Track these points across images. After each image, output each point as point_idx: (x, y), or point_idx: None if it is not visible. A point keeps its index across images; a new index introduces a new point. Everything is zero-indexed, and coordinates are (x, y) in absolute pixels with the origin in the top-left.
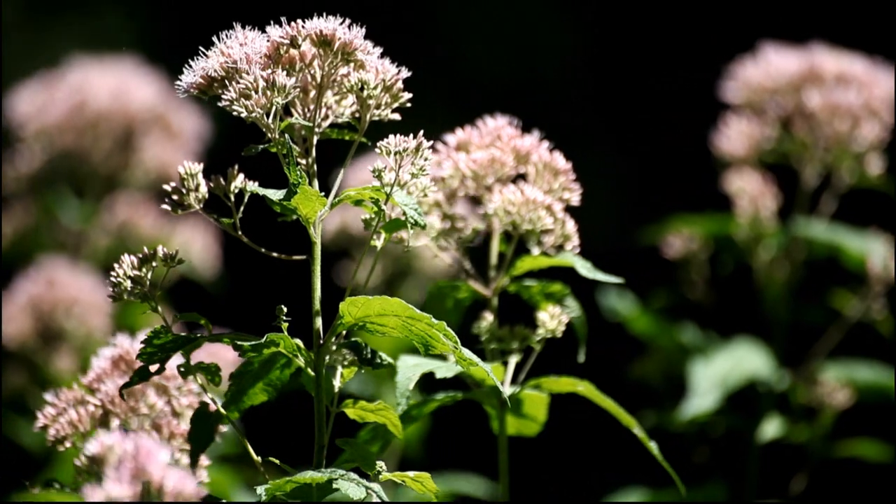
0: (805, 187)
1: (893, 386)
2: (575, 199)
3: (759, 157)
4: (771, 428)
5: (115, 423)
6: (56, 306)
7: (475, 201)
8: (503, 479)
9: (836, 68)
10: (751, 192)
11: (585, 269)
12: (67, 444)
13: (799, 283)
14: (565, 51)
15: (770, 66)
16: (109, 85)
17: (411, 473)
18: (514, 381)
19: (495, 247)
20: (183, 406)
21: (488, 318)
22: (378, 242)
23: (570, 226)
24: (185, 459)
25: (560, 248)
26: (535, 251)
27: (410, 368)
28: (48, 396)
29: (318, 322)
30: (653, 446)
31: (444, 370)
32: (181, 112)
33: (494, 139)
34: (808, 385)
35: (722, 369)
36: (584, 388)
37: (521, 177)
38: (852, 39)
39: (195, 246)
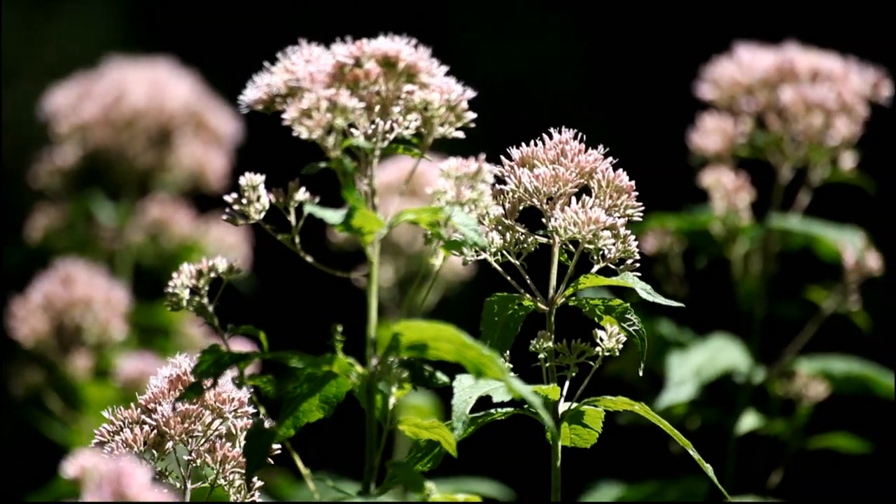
0: (780, 182)
1: (869, 377)
2: (637, 216)
3: (734, 153)
4: (748, 421)
5: (169, 444)
6: (71, 305)
7: (536, 214)
8: (556, 493)
9: (810, 65)
10: (726, 187)
11: (646, 291)
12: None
13: (774, 276)
14: (556, 54)
15: (744, 64)
16: (146, 82)
17: (461, 497)
18: (569, 397)
19: (555, 262)
20: (238, 429)
21: (546, 335)
22: (437, 262)
23: (632, 243)
24: (238, 481)
25: (620, 262)
26: (596, 267)
27: (467, 391)
28: (106, 414)
29: (373, 342)
30: (708, 467)
31: (501, 393)
32: (216, 111)
33: (558, 154)
34: (784, 378)
35: (698, 362)
36: (639, 407)
37: (585, 190)
38: (825, 41)
39: (227, 246)
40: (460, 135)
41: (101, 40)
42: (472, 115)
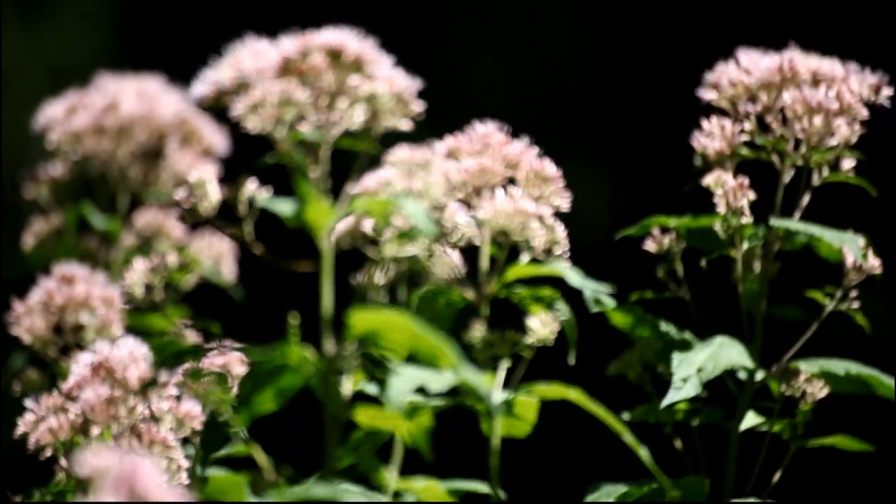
0: (781, 183)
1: (871, 377)
2: (564, 205)
3: (736, 155)
4: (749, 420)
5: (95, 430)
6: (69, 304)
7: (465, 206)
8: (494, 481)
9: (811, 68)
10: (728, 188)
11: (575, 278)
12: (48, 453)
13: (776, 276)
14: (555, 53)
15: (746, 67)
16: (137, 94)
17: (419, 484)
18: (505, 386)
19: (486, 253)
20: (162, 411)
21: (479, 325)
22: (388, 252)
23: (560, 232)
24: (169, 466)
25: (549, 252)
26: (526, 258)
27: (403, 382)
28: (28, 403)
29: (327, 331)
30: (643, 452)
31: (438, 383)
32: (206, 123)
33: (484, 146)
34: (785, 377)
35: (699, 361)
36: (574, 394)
37: (511, 180)
38: (826, 47)
39: (217, 254)
40: (407, 126)
41: (89, 59)
42: (419, 107)
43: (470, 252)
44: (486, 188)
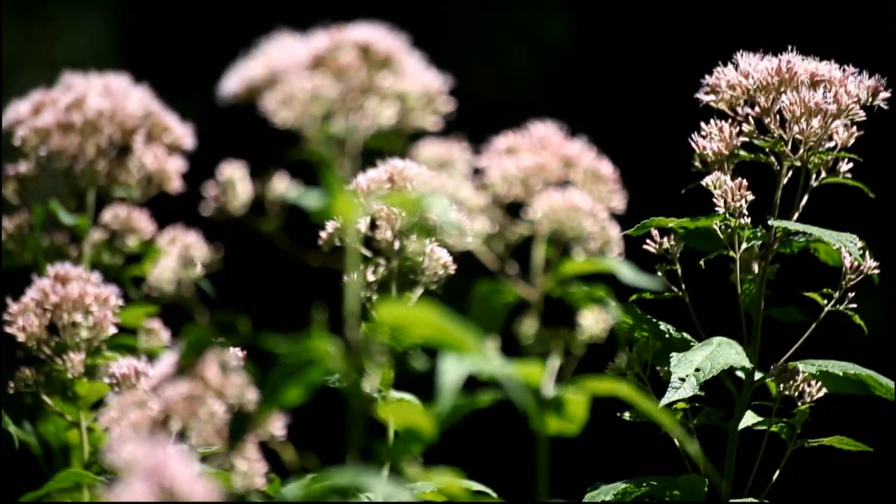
0: (780, 184)
1: (868, 377)
2: (619, 205)
3: (734, 156)
4: (747, 420)
5: (175, 426)
6: (64, 303)
7: (519, 206)
8: (542, 478)
9: (809, 70)
10: (727, 188)
11: (629, 274)
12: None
13: (774, 277)
14: (551, 50)
15: (745, 69)
16: (104, 87)
17: (443, 478)
18: (556, 383)
19: (540, 251)
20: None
21: (532, 321)
22: (416, 248)
23: (614, 232)
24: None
25: (602, 251)
26: (579, 255)
27: (454, 370)
28: (111, 397)
29: (353, 325)
30: (693, 448)
31: (491, 370)
32: (173, 119)
33: (542, 144)
34: (783, 377)
35: (697, 361)
36: (625, 390)
37: (567, 182)
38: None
39: (186, 245)
40: (437, 125)
41: (89, 60)
42: (449, 105)
43: (523, 250)
44: (542, 185)
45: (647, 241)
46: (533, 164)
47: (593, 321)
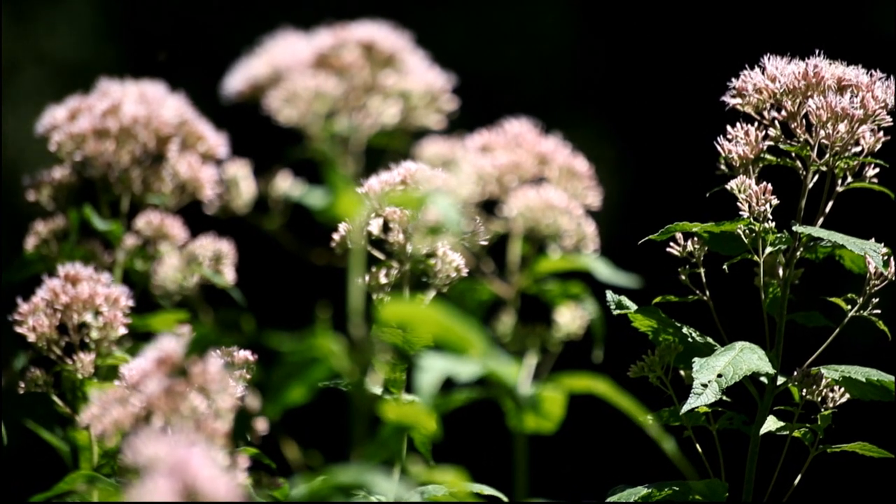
0: (805, 189)
1: (891, 383)
2: (594, 202)
3: (760, 160)
4: (769, 424)
5: (157, 422)
6: (74, 304)
7: (494, 203)
8: (521, 477)
9: (836, 75)
10: (752, 192)
11: (604, 271)
12: (111, 444)
13: (798, 282)
14: (569, 48)
15: (772, 73)
16: (140, 95)
17: (447, 476)
18: (532, 381)
19: (516, 249)
20: (224, 408)
21: (508, 318)
22: (415, 247)
23: (589, 228)
24: (225, 458)
25: (578, 248)
26: (555, 253)
27: (432, 372)
28: (93, 395)
29: (356, 323)
30: (669, 445)
31: (466, 373)
32: (206, 126)
33: (517, 142)
34: (806, 382)
35: (720, 366)
36: (602, 387)
37: (542, 179)
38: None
39: (218, 253)
40: (440, 124)
41: (89, 60)
42: (452, 104)
43: (498, 247)
44: (517, 183)
45: (671, 244)
46: (508, 161)
47: (570, 318)
